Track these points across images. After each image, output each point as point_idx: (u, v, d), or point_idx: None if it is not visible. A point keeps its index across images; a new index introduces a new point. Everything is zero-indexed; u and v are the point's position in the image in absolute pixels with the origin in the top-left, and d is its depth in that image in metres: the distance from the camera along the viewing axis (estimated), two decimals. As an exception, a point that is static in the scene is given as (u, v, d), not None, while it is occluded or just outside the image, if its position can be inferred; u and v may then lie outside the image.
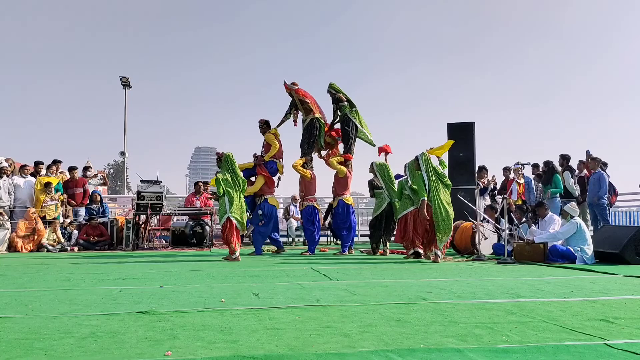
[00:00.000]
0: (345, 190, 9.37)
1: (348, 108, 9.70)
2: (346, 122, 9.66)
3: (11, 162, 11.24)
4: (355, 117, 9.69)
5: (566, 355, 2.34)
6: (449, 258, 7.88)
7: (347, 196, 9.38)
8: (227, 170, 7.98)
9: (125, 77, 22.89)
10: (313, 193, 9.49)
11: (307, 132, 9.66)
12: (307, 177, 9.33)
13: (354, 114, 9.70)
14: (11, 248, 9.77)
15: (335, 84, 9.95)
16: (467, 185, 10.69)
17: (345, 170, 9.34)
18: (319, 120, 9.69)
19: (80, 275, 5.64)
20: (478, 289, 4.45)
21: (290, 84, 9.79)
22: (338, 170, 9.35)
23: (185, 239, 10.94)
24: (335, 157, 9.53)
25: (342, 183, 9.35)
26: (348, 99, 9.81)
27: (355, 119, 9.69)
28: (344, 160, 9.47)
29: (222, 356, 2.31)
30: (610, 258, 7.06)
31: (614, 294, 4.21)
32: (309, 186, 9.41)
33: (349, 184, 9.46)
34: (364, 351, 2.38)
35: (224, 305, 3.60)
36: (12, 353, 2.37)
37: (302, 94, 9.74)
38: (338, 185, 9.41)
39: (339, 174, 9.36)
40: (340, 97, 9.74)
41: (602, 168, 10.02)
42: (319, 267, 6.48)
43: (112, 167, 59.11)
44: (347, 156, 9.53)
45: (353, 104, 9.81)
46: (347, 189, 9.43)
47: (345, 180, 9.35)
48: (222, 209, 7.83)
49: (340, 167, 9.32)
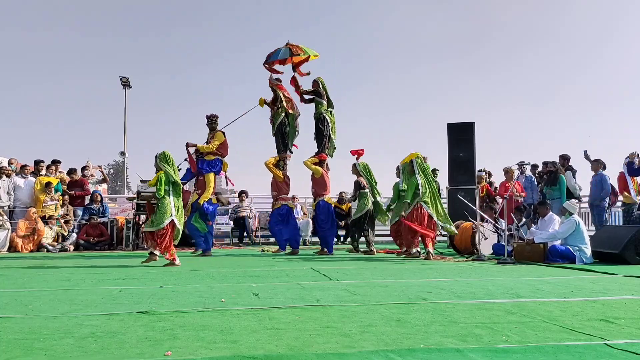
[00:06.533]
0: (325, 190, 9.28)
1: (325, 107, 9.55)
2: (321, 121, 9.51)
3: (15, 162, 11.26)
4: (331, 118, 9.54)
5: (566, 355, 2.34)
6: (438, 257, 7.99)
7: (328, 196, 9.31)
8: (168, 169, 7.10)
9: (125, 77, 22.89)
10: (286, 193, 9.33)
11: (280, 132, 9.48)
12: (279, 177, 9.20)
13: (329, 114, 9.55)
14: (11, 248, 9.78)
15: (323, 81, 9.76)
16: (467, 185, 10.69)
17: (321, 170, 9.24)
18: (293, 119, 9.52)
19: (80, 275, 5.64)
20: (478, 289, 4.45)
21: (274, 80, 9.62)
22: (314, 171, 9.25)
23: (185, 239, 10.93)
24: (310, 158, 9.40)
25: (320, 183, 9.26)
26: (329, 99, 9.66)
27: (332, 121, 9.54)
28: (318, 161, 9.35)
29: (222, 356, 2.31)
30: (610, 258, 7.06)
31: (614, 294, 4.21)
32: (282, 186, 9.25)
33: (328, 183, 9.35)
34: (364, 351, 2.38)
35: (224, 305, 3.60)
36: (12, 353, 2.37)
37: (286, 92, 9.59)
38: (317, 186, 9.31)
39: (315, 175, 9.26)
40: (321, 93, 9.59)
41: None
42: (319, 267, 6.48)
43: (112, 167, 59.04)
44: (321, 156, 9.41)
45: (332, 104, 9.67)
46: (327, 188, 9.32)
47: (323, 180, 9.25)
48: (163, 210, 6.92)
49: (315, 168, 9.23)
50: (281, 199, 9.25)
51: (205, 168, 8.79)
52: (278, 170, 9.22)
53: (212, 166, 8.86)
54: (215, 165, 8.89)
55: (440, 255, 8.67)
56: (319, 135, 9.55)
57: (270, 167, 9.20)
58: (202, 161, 8.84)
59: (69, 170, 11.64)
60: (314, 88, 9.71)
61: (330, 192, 9.48)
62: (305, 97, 9.76)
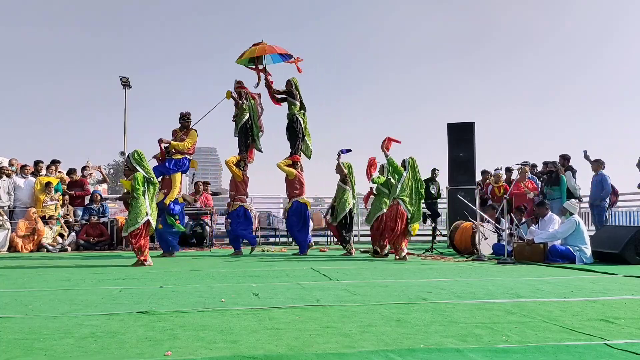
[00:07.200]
0: (300, 192, 9.17)
1: (297, 109, 9.40)
2: (294, 122, 9.35)
3: (16, 162, 11.27)
4: (303, 120, 9.40)
5: (566, 355, 2.34)
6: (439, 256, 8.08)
7: (303, 197, 9.20)
8: (142, 169, 7.05)
9: (125, 77, 22.88)
10: (243, 193, 9.18)
11: (242, 133, 9.31)
12: (238, 177, 9.09)
13: (302, 116, 9.41)
14: (11, 248, 9.78)
15: (297, 81, 9.59)
16: (467, 185, 10.69)
17: (295, 172, 9.12)
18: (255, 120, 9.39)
19: (80, 275, 5.64)
20: (478, 289, 4.45)
21: (236, 82, 9.46)
22: (287, 173, 9.13)
23: (185, 239, 10.93)
24: (283, 160, 9.26)
25: (294, 185, 9.15)
26: (301, 101, 9.53)
27: (305, 122, 9.42)
28: (292, 162, 9.23)
29: (222, 356, 2.31)
30: (610, 258, 7.05)
31: (614, 294, 4.21)
32: (240, 186, 9.13)
33: (304, 184, 9.23)
34: (364, 351, 2.38)
35: (224, 305, 3.60)
36: (12, 353, 2.37)
37: (251, 94, 9.47)
38: (290, 187, 9.20)
39: (289, 177, 9.14)
40: (294, 93, 9.43)
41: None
42: (319, 267, 6.48)
43: (112, 167, 59.00)
44: (295, 157, 9.28)
45: (304, 107, 9.54)
46: (302, 190, 9.21)
47: (298, 182, 9.14)
48: (138, 211, 6.87)
49: (289, 170, 9.11)
50: (238, 200, 9.09)
51: (173, 167, 8.62)
52: (238, 170, 9.08)
53: (180, 166, 8.72)
54: (183, 165, 8.76)
55: (440, 255, 8.69)
56: (292, 136, 9.37)
57: (231, 165, 9.07)
58: (170, 160, 8.64)
59: (69, 170, 11.65)
60: (287, 88, 9.55)
61: (305, 193, 9.34)
62: (278, 97, 9.61)
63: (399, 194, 7.89)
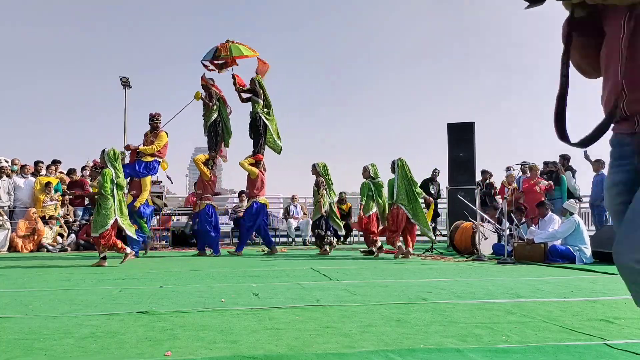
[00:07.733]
0: (260, 192, 9.14)
1: (261, 107, 9.36)
2: (257, 121, 9.32)
3: (18, 163, 11.27)
4: (267, 118, 9.38)
5: (566, 355, 2.34)
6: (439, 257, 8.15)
7: (262, 197, 9.18)
8: (114, 168, 6.94)
9: (125, 77, 22.83)
10: (211, 193, 9.15)
11: (213, 131, 9.29)
12: (206, 175, 9.05)
13: (265, 114, 9.37)
14: (11, 248, 9.78)
15: (262, 80, 9.57)
16: (467, 185, 10.69)
17: (257, 171, 9.10)
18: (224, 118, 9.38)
19: (80, 275, 5.64)
20: (478, 289, 4.45)
21: (208, 78, 9.43)
22: (250, 172, 9.10)
23: (185, 239, 10.94)
24: (246, 158, 9.22)
25: (255, 184, 9.12)
26: (266, 98, 9.47)
27: (268, 121, 9.39)
28: (255, 162, 9.21)
29: (222, 356, 2.31)
30: (610, 258, 7.02)
31: (614, 294, 4.21)
32: (207, 185, 9.08)
33: (264, 184, 9.22)
34: (364, 351, 2.38)
35: (224, 305, 3.60)
36: (12, 353, 2.37)
37: (219, 91, 9.41)
38: (251, 187, 9.17)
39: (251, 176, 9.12)
40: (258, 92, 9.40)
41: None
42: (319, 267, 6.48)
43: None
44: (257, 157, 9.25)
45: (269, 106, 9.50)
46: (262, 190, 9.18)
47: (260, 181, 9.12)
48: (106, 212, 6.75)
49: (251, 169, 9.08)
50: (205, 199, 9.02)
51: (143, 171, 8.46)
52: (206, 169, 9.05)
53: (150, 169, 8.56)
54: (153, 168, 8.61)
55: (440, 255, 8.69)
56: (255, 135, 9.34)
57: (199, 164, 9.03)
58: (140, 162, 8.47)
59: (69, 170, 11.65)
60: (251, 86, 9.53)
61: (265, 193, 9.33)
62: (243, 95, 9.60)
63: (397, 199, 8.07)
